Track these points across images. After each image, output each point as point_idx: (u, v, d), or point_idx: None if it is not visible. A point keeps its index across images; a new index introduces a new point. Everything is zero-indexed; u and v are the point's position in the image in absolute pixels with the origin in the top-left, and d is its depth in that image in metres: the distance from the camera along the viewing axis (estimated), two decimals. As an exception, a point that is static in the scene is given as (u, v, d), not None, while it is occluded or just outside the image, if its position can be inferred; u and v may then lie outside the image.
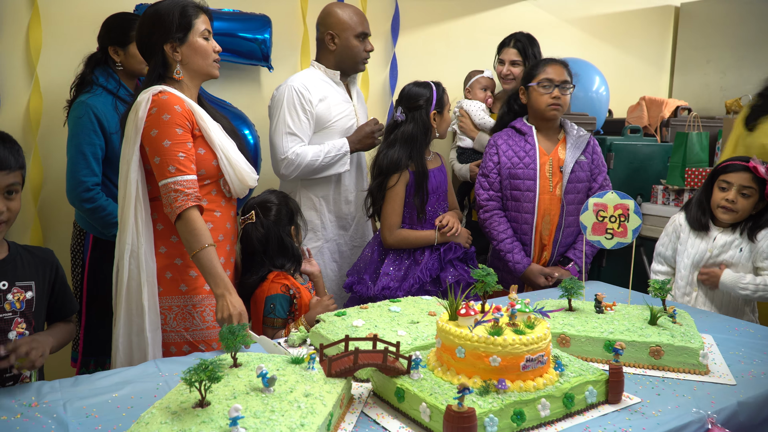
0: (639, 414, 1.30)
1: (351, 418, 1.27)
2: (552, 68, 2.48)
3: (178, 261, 1.86)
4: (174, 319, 1.85)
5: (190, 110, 1.82)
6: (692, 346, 1.52)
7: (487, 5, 3.87)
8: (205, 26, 1.89)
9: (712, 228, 2.32)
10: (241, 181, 1.92)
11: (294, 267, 2.11)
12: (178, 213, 1.73)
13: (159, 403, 1.14)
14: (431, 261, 2.42)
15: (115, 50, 2.41)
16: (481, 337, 1.26)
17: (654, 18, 4.75)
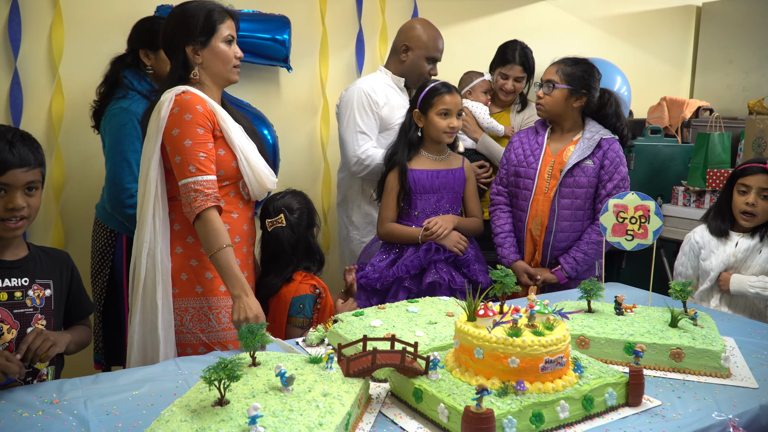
0: (659, 417, 1.29)
1: (369, 417, 1.27)
2: (547, 68, 2.48)
3: (194, 262, 1.85)
4: (190, 321, 1.84)
5: (211, 111, 1.83)
6: (714, 348, 1.50)
7: (506, 5, 3.85)
8: (229, 31, 1.88)
9: (732, 234, 2.29)
10: (260, 183, 1.91)
11: (317, 267, 2.14)
12: (197, 213, 1.73)
13: (179, 401, 1.15)
14: (411, 258, 2.40)
15: (146, 53, 2.42)
16: (499, 338, 1.25)
17: (675, 17, 4.70)
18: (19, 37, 2.52)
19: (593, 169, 2.39)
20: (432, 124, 2.43)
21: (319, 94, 3.24)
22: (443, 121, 2.41)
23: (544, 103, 2.44)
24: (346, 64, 3.31)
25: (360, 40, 3.29)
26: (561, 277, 2.44)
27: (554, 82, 2.41)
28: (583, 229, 2.45)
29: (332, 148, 3.27)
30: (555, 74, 2.42)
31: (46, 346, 1.42)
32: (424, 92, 2.43)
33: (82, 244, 2.67)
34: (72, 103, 2.65)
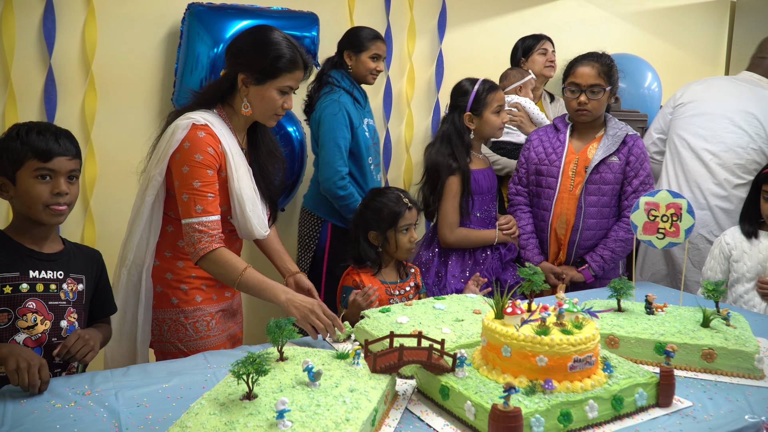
0: (690, 418, 1.27)
1: (395, 414, 1.27)
2: (581, 69, 2.37)
3: (169, 275, 1.83)
4: (168, 331, 1.83)
5: (222, 153, 1.76)
6: (747, 349, 1.47)
7: (536, 1, 3.81)
8: (290, 83, 1.78)
9: (763, 235, 2.24)
10: (248, 231, 1.84)
11: (376, 269, 2.13)
12: (201, 255, 1.70)
13: (208, 394, 1.17)
14: (493, 261, 2.42)
15: (349, 55, 2.77)
16: (527, 337, 1.24)
17: (709, 12, 4.59)
18: (53, 35, 2.57)
19: (619, 165, 2.37)
20: (488, 122, 2.44)
21: (347, 91, 3.24)
22: (499, 118, 2.45)
23: (591, 109, 2.35)
24: (373, 60, 3.31)
25: (388, 37, 3.28)
26: (588, 276, 2.41)
27: (601, 86, 2.34)
28: (609, 227, 2.41)
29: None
30: (599, 77, 2.34)
31: (86, 351, 1.48)
32: (473, 94, 2.43)
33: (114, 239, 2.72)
34: (105, 99, 2.70)
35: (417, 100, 3.44)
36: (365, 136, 2.74)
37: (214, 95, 1.81)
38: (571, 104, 2.39)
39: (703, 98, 2.87)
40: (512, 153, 2.95)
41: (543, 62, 3.16)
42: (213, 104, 1.81)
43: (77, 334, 1.48)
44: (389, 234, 2.11)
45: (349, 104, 2.70)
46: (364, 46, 2.76)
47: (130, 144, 2.74)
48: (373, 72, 2.81)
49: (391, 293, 2.09)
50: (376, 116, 3.32)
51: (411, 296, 2.14)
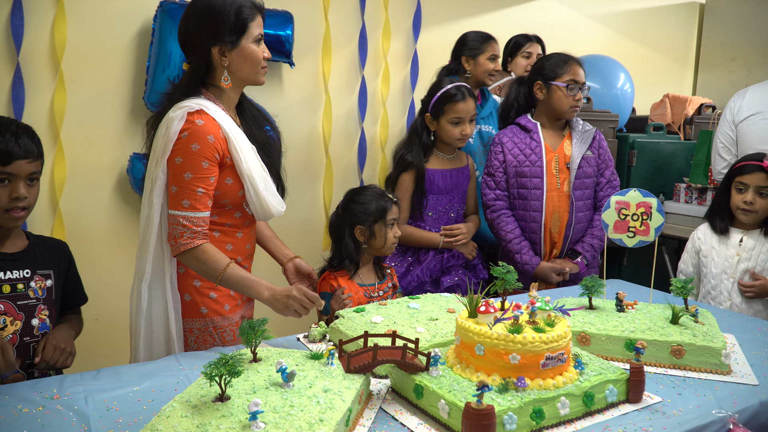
0: (660, 413, 1.29)
1: (369, 413, 1.27)
2: (576, 68, 2.46)
3: (197, 283, 1.75)
4: (195, 342, 1.77)
5: (224, 138, 1.67)
6: (714, 345, 1.50)
7: (511, 2, 3.84)
8: (259, 30, 1.71)
9: (734, 231, 2.28)
10: (266, 212, 1.79)
11: (353, 270, 2.12)
12: (181, 250, 1.64)
13: (179, 396, 1.15)
14: (434, 262, 2.43)
15: (466, 60, 2.90)
16: (500, 335, 1.25)
17: (679, 14, 4.68)
18: (21, 31, 2.51)
19: (594, 159, 2.50)
20: (444, 131, 2.44)
21: (322, 90, 3.23)
22: (455, 129, 2.44)
23: (581, 105, 2.50)
24: (349, 60, 3.30)
25: (363, 36, 3.28)
26: (582, 266, 2.49)
27: (587, 84, 2.51)
28: (592, 217, 2.52)
29: (334, 145, 3.28)
30: (586, 76, 2.50)
31: (63, 359, 1.45)
32: (436, 97, 2.43)
33: (84, 237, 2.68)
34: (74, 97, 2.65)
35: (392, 99, 3.45)
36: (468, 143, 2.78)
37: (194, 81, 1.71)
38: (568, 101, 2.45)
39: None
40: None
41: (524, 66, 3.18)
42: (196, 90, 1.72)
43: (52, 345, 1.46)
44: (377, 228, 2.11)
45: None
46: (480, 49, 2.88)
47: (100, 143, 2.70)
48: (492, 73, 2.92)
49: (370, 295, 2.09)
50: (349, 115, 3.32)
51: (389, 297, 2.14)
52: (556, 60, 2.50)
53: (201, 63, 1.70)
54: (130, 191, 2.75)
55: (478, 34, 2.93)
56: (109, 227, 2.76)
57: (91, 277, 2.61)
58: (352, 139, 3.35)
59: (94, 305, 2.05)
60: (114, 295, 2.60)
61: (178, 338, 1.71)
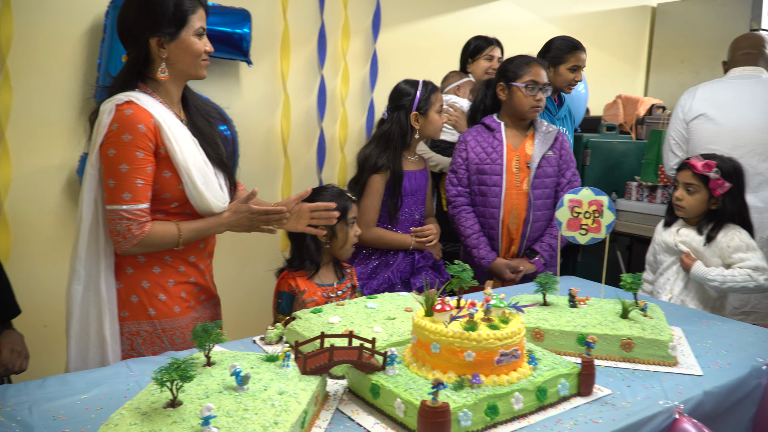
0: (609, 405, 1.32)
1: (326, 415, 1.27)
2: (536, 69, 2.51)
3: (146, 284, 1.71)
4: (142, 344, 1.71)
5: (156, 127, 1.63)
6: (662, 338, 1.55)
7: (469, 3, 3.88)
8: (200, 23, 1.70)
9: (677, 223, 2.36)
10: (206, 206, 1.73)
11: (313, 271, 2.10)
12: (135, 242, 1.61)
13: (129, 403, 1.13)
14: (404, 264, 2.44)
15: (548, 67, 2.73)
16: (455, 333, 1.27)
17: (631, 17, 4.81)
18: (-37, 28, 2.43)
19: (555, 159, 2.55)
20: (432, 121, 2.51)
21: (280, 89, 3.21)
22: (440, 119, 2.52)
23: (543, 105, 2.55)
24: (308, 59, 3.29)
25: (322, 36, 3.27)
26: (539, 265, 2.54)
27: (550, 84, 2.56)
28: (551, 217, 2.56)
29: (293, 145, 3.26)
30: (548, 77, 2.55)
31: (20, 361, 1.41)
32: (419, 93, 2.46)
33: (31, 241, 2.59)
34: (21, 96, 2.56)
35: (351, 99, 3.44)
36: None
37: (131, 74, 1.68)
38: (528, 101, 2.50)
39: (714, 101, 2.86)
40: (446, 151, 3.01)
41: (486, 68, 3.20)
42: (133, 84, 1.68)
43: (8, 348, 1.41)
44: (338, 228, 2.10)
45: None
46: (563, 59, 2.87)
47: (49, 143, 2.62)
48: (572, 83, 2.90)
49: (329, 295, 2.08)
50: (308, 115, 3.31)
51: (348, 297, 2.14)
52: (518, 62, 2.56)
53: (139, 54, 1.67)
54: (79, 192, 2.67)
55: (565, 43, 2.91)
56: (58, 230, 2.67)
57: (39, 282, 2.53)
58: (311, 138, 3.34)
59: (42, 311, 2.00)
60: (63, 300, 2.52)
61: (113, 341, 1.65)
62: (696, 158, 2.26)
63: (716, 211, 2.25)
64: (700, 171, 2.22)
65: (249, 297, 2.37)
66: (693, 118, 2.89)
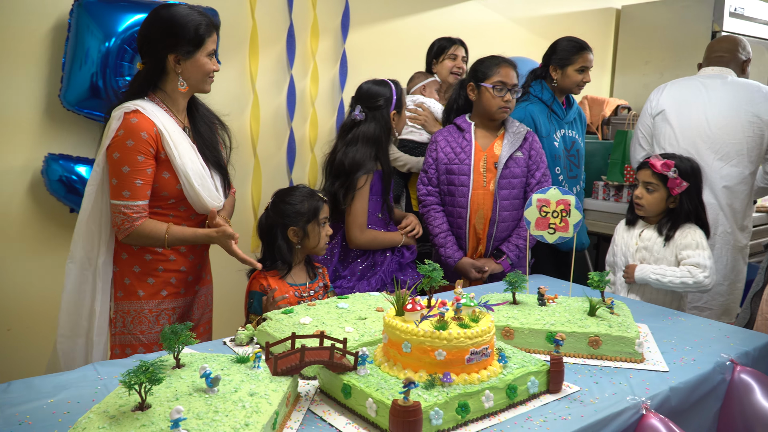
0: (578, 402, 1.35)
1: (297, 416, 1.26)
2: (505, 70, 2.52)
3: (137, 268, 1.93)
4: (131, 322, 1.93)
5: (158, 134, 1.85)
6: (628, 335, 1.58)
7: (437, 4, 3.90)
8: (213, 46, 1.92)
9: (639, 223, 2.40)
10: (203, 205, 1.95)
11: (286, 271, 2.08)
12: (125, 234, 1.84)
13: (96, 407, 1.11)
14: (392, 262, 2.46)
15: (554, 69, 2.86)
16: (426, 332, 1.27)
17: (596, 19, 4.89)
18: None
19: (523, 160, 2.55)
20: (402, 121, 2.55)
21: (249, 89, 3.18)
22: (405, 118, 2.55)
23: (512, 106, 2.56)
24: (277, 59, 3.26)
25: (291, 36, 3.25)
26: (506, 266, 2.55)
27: (518, 86, 2.57)
28: (519, 217, 2.58)
29: (262, 145, 3.23)
30: (517, 78, 2.55)
31: None
32: (395, 92, 2.49)
33: (-5, 246, 2.53)
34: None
35: (321, 99, 3.43)
36: (553, 146, 2.81)
37: (145, 84, 1.91)
38: (496, 101, 2.51)
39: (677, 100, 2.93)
40: (414, 151, 3.01)
41: (450, 67, 3.18)
42: (144, 93, 1.91)
43: None
44: (310, 228, 2.09)
45: (537, 113, 2.82)
46: (569, 60, 2.84)
47: (12, 143, 2.56)
48: (580, 84, 2.86)
49: (301, 295, 2.07)
50: (278, 115, 3.28)
51: (321, 297, 2.13)
52: (488, 62, 2.57)
53: (156, 67, 1.90)
54: (44, 194, 2.61)
55: (571, 44, 2.87)
56: (22, 232, 2.61)
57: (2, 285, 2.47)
58: (280, 139, 3.32)
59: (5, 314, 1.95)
60: (27, 302, 2.47)
61: (101, 316, 1.90)
62: (655, 158, 2.31)
63: (674, 209, 2.30)
64: (659, 170, 2.27)
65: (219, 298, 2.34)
66: (657, 114, 2.97)
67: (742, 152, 2.78)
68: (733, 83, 2.87)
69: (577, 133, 2.98)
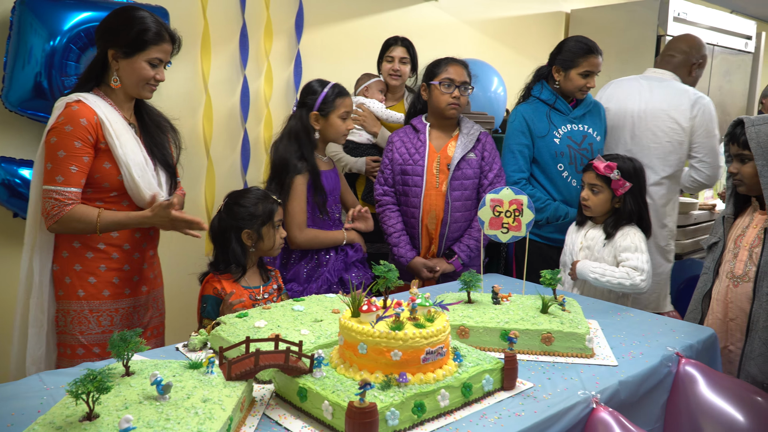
0: (531, 398, 1.37)
1: (252, 421, 1.25)
2: (453, 68, 2.55)
3: (78, 267, 1.90)
4: (71, 322, 1.90)
5: (98, 123, 1.84)
6: (579, 331, 1.62)
7: (392, 5, 3.91)
8: (158, 55, 1.90)
9: (587, 224, 2.46)
10: (142, 198, 1.92)
11: (240, 274, 2.04)
12: (55, 221, 1.80)
13: (42, 418, 1.07)
14: (337, 262, 2.43)
15: (558, 70, 2.74)
16: (382, 333, 1.28)
17: (547, 23, 4.99)
18: None
19: (476, 161, 2.58)
20: (333, 126, 2.46)
21: (201, 89, 3.12)
22: (344, 125, 2.47)
23: (462, 103, 2.56)
24: (230, 59, 3.22)
25: (244, 35, 3.21)
26: (457, 265, 2.58)
27: (469, 84, 2.58)
28: (472, 218, 2.61)
29: (216, 146, 3.18)
30: (467, 76, 2.57)
31: None
32: (323, 95, 2.43)
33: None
34: None
35: (275, 99, 3.40)
36: (554, 143, 2.72)
37: (89, 77, 1.92)
38: (444, 98, 2.53)
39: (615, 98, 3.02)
40: (354, 152, 3.03)
41: (387, 70, 3.12)
42: (89, 86, 1.91)
43: None
44: (264, 231, 2.06)
45: (531, 113, 2.74)
46: (574, 62, 2.68)
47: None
48: (582, 89, 2.71)
49: (256, 298, 2.04)
50: (231, 116, 3.24)
51: (275, 299, 2.11)
52: (438, 62, 2.61)
53: (99, 59, 1.90)
54: (-15, 198, 2.51)
55: (579, 45, 2.70)
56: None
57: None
58: (234, 140, 3.27)
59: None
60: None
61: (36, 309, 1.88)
62: (598, 160, 2.37)
63: (619, 209, 2.36)
64: (602, 172, 2.33)
65: (171, 302, 2.30)
66: None
67: (660, 156, 2.86)
68: (666, 87, 2.96)
69: (590, 126, 2.80)
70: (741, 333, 2.06)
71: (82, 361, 1.80)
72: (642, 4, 4.60)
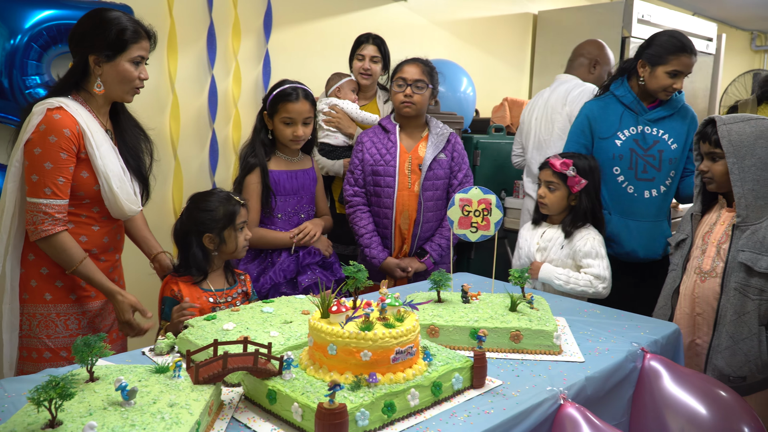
0: (500, 396, 1.38)
1: (221, 424, 1.23)
2: (407, 67, 2.57)
3: (45, 270, 1.88)
4: (37, 326, 1.88)
5: (80, 133, 1.82)
6: (547, 328, 1.64)
7: (361, 5, 3.91)
8: (139, 53, 1.88)
9: (543, 224, 2.50)
10: (120, 209, 1.94)
11: (201, 277, 2.01)
12: (42, 236, 1.78)
13: (2, 427, 1.04)
14: (287, 263, 2.40)
15: (643, 65, 2.52)
16: (352, 333, 1.27)
17: (515, 24, 5.05)
18: None
19: (446, 161, 2.60)
20: (277, 130, 2.43)
21: (168, 89, 3.08)
22: (287, 130, 2.41)
23: (416, 102, 2.55)
24: (197, 58, 3.18)
25: (211, 35, 3.17)
26: (429, 264, 2.61)
27: (424, 82, 2.56)
28: (442, 217, 2.64)
29: (183, 146, 3.14)
30: (422, 75, 2.55)
31: None
32: (272, 95, 2.40)
33: None
34: None
35: (244, 100, 3.37)
36: (614, 145, 2.53)
37: (68, 83, 1.88)
38: (398, 97, 2.56)
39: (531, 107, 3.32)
40: (330, 154, 2.98)
41: (358, 68, 3.07)
42: (67, 92, 1.88)
43: None
44: (227, 234, 2.02)
45: (597, 111, 2.59)
46: (663, 59, 2.45)
47: None
48: (668, 89, 2.48)
49: (216, 301, 2.01)
50: (200, 116, 3.20)
51: (239, 303, 2.08)
52: (399, 63, 2.65)
53: (79, 65, 1.86)
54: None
55: (671, 40, 2.46)
56: None
57: None
58: (203, 140, 3.23)
59: None
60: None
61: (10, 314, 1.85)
62: (555, 157, 2.41)
63: (575, 207, 2.40)
64: (558, 169, 2.37)
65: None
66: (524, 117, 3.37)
67: None
68: (566, 92, 3.16)
69: (666, 132, 2.55)
70: (708, 327, 2.12)
71: (49, 365, 1.79)
72: (607, 6, 4.69)
